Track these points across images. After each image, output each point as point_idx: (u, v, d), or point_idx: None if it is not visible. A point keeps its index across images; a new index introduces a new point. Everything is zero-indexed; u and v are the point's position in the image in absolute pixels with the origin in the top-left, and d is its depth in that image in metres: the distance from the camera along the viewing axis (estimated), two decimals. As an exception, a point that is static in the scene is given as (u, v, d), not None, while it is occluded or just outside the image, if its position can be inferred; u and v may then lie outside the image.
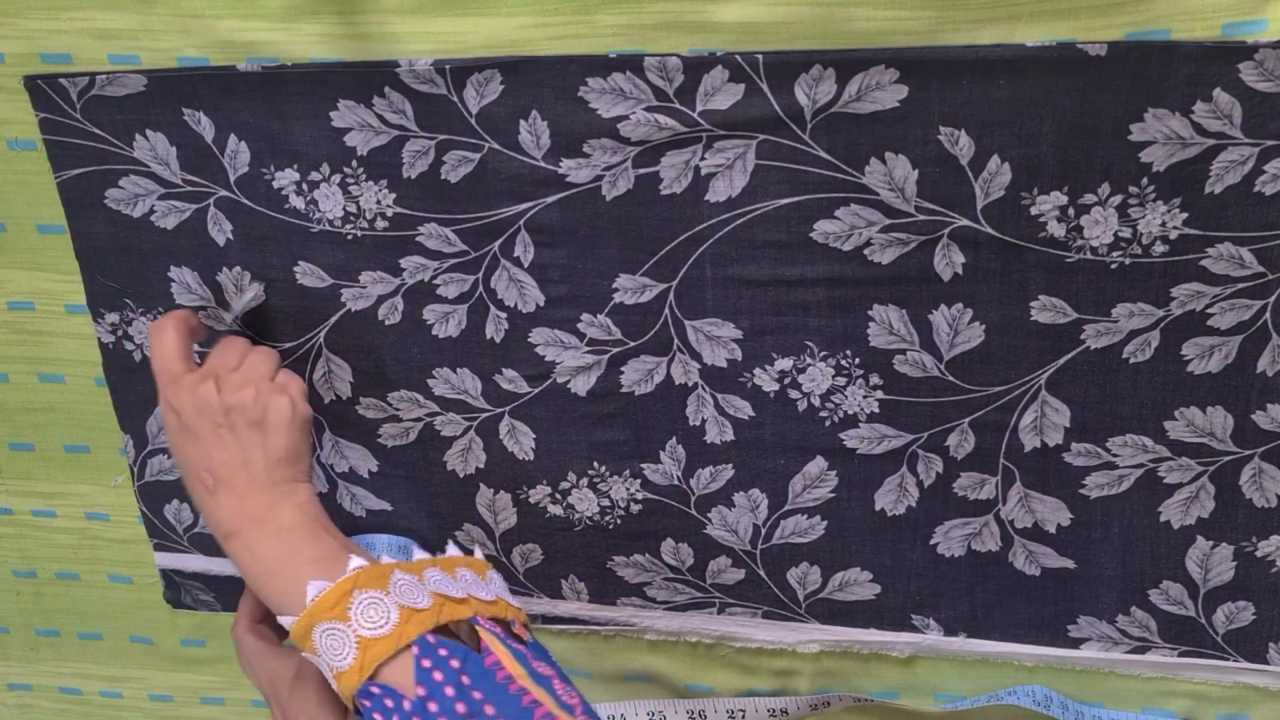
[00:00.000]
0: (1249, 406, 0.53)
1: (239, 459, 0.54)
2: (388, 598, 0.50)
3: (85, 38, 0.55)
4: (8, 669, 0.79)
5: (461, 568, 0.55)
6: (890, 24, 0.48)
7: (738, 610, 0.64)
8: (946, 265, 0.53)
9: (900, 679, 0.65)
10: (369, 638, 0.49)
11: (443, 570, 0.54)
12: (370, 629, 0.49)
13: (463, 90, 0.53)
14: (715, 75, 0.50)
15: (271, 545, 0.53)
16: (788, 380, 0.57)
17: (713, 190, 0.53)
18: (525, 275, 0.57)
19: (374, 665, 0.48)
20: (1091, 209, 0.51)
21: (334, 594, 0.50)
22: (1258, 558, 0.57)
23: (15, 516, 0.72)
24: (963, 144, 0.50)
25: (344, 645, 0.49)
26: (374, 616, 0.49)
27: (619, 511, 0.63)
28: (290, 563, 0.52)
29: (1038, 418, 0.56)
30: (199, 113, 0.56)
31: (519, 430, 0.61)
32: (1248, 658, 0.59)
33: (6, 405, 0.68)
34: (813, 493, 0.60)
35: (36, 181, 0.60)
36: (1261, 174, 0.48)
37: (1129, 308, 0.52)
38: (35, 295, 0.64)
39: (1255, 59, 0.46)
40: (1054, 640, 0.61)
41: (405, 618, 0.49)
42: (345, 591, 0.50)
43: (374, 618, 0.49)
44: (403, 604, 0.50)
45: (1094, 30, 0.47)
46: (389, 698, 0.48)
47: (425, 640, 0.49)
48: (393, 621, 0.49)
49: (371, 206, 0.56)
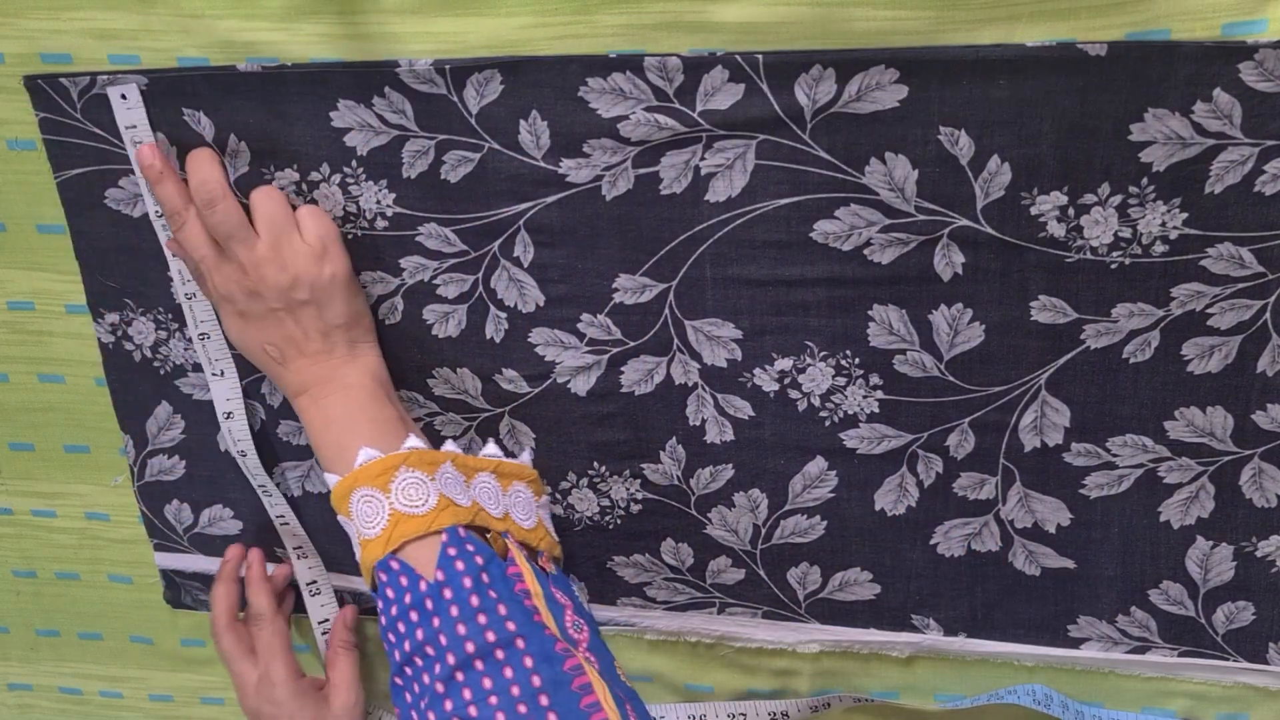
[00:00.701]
0: (1249, 406, 0.53)
1: (298, 332, 0.56)
2: (431, 483, 0.51)
3: (85, 38, 0.55)
4: (8, 669, 0.79)
5: (519, 484, 0.56)
6: (890, 24, 0.48)
7: (738, 610, 0.64)
8: (946, 265, 0.53)
9: (900, 679, 0.65)
10: (403, 513, 0.50)
11: (497, 480, 0.55)
12: (407, 506, 0.50)
13: (463, 90, 0.53)
14: (715, 75, 0.50)
15: (335, 400, 0.55)
16: (788, 380, 0.57)
17: (713, 190, 0.53)
18: (525, 275, 0.57)
19: (401, 540, 0.49)
20: (1091, 209, 0.51)
21: (381, 464, 0.51)
22: (1258, 558, 0.57)
23: (15, 516, 0.72)
24: (963, 144, 0.50)
25: (378, 514, 0.50)
26: (414, 495, 0.50)
27: (619, 511, 0.63)
28: (349, 418, 0.54)
29: (1038, 418, 0.56)
30: (199, 113, 0.56)
31: (519, 430, 0.61)
32: (1248, 658, 0.59)
33: (6, 405, 0.68)
34: (813, 493, 0.60)
35: (36, 181, 0.60)
36: (1261, 174, 0.48)
37: (1129, 308, 0.52)
38: (35, 295, 0.64)
39: (1255, 59, 0.46)
40: (1054, 640, 0.61)
41: (443, 506, 0.50)
42: (393, 465, 0.51)
43: (413, 496, 0.50)
44: (444, 493, 0.51)
45: (1094, 30, 0.47)
46: (405, 575, 0.49)
47: (456, 531, 0.50)
48: (430, 505, 0.50)
49: (371, 206, 0.56)
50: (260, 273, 0.55)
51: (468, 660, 0.46)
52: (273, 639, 0.64)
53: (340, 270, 0.56)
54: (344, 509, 0.51)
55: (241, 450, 0.63)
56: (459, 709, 0.45)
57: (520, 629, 0.47)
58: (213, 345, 0.61)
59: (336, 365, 0.56)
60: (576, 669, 0.46)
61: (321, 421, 0.55)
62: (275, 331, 0.56)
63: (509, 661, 0.46)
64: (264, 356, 0.57)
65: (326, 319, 0.56)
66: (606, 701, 0.45)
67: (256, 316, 0.56)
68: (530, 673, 0.46)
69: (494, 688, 0.45)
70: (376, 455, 0.52)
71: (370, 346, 0.58)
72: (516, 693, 0.45)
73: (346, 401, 0.55)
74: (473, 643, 0.47)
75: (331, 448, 0.54)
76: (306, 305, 0.55)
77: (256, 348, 0.57)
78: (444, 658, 0.47)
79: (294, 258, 0.55)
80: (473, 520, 0.52)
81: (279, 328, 0.56)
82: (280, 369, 0.57)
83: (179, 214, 0.56)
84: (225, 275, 0.56)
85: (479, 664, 0.46)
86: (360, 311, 0.57)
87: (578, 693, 0.45)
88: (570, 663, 0.46)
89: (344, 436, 0.54)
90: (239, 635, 0.65)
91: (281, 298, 0.55)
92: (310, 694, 0.63)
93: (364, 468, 0.51)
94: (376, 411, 0.55)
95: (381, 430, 0.54)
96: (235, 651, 0.64)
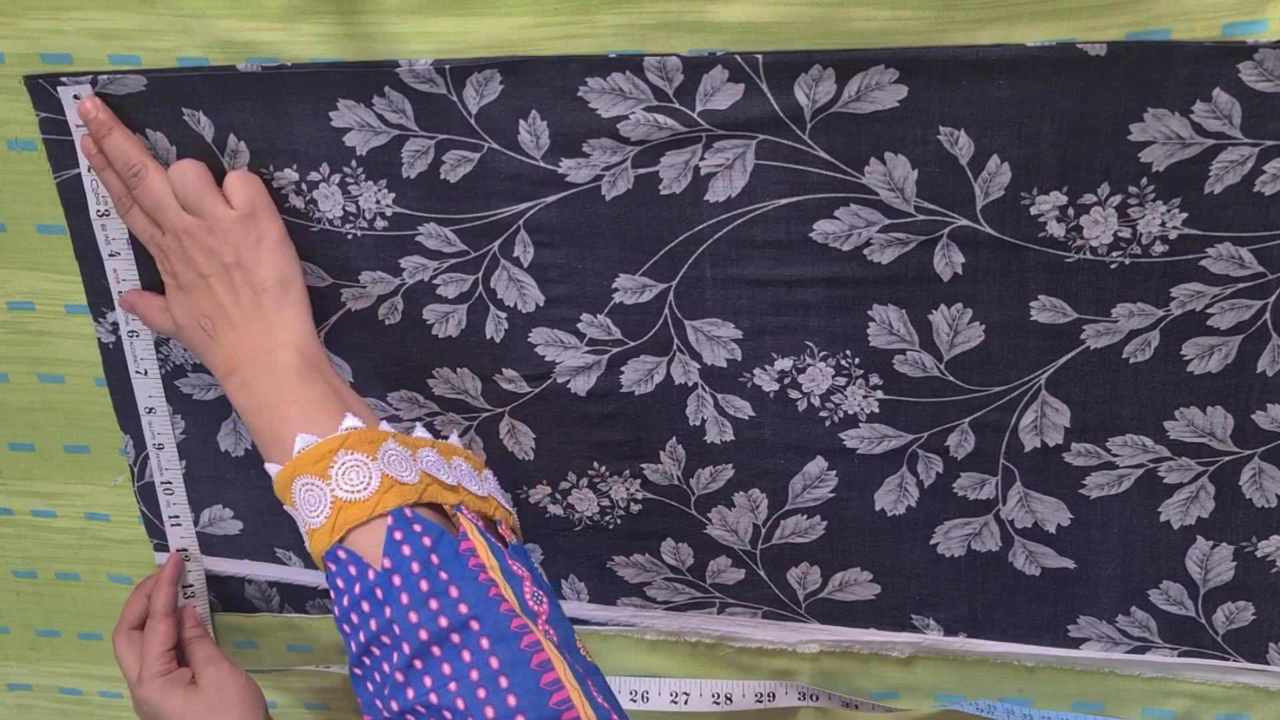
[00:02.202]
0: (1249, 406, 0.53)
1: (228, 298, 0.55)
2: (373, 463, 0.49)
3: (85, 38, 0.55)
4: (8, 669, 0.79)
5: (459, 458, 0.54)
6: (890, 24, 0.48)
7: (738, 610, 0.64)
8: (946, 265, 0.53)
9: (900, 679, 0.65)
10: (345, 499, 0.48)
11: (439, 454, 0.53)
12: (348, 491, 0.48)
13: (462, 90, 0.53)
14: (715, 75, 0.50)
15: (264, 381, 0.53)
16: (788, 380, 0.57)
17: (712, 190, 0.53)
18: (525, 275, 0.57)
19: (345, 528, 0.48)
20: (1091, 209, 0.51)
21: (319, 450, 0.49)
22: (1258, 558, 0.57)
23: (15, 516, 0.72)
24: (962, 144, 0.50)
25: (320, 502, 0.49)
26: (354, 479, 0.49)
27: (619, 511, 0.63)
28: (278, 401, 0.52)
29: (1038, 418, 0.56)
30: (199, 112, 0.56)
31: (519, 430, 0.61)
32: (1248, 658, 0.59)
33: (6, 405, 0.68)
34: (813, 493, 0.60)
35: (36, 181, 0.60)
36: (1261, 174, 0.48)
37: (1129, 308, 0.52)
38: (35, 295, 0.64)
39: (1255, 59, 0.46)
40: (1054, 640, 0.61)
41: (386, 486, 0.49)
42: (331, 449, 0.49)
43: (354, 480, 0.49)
44: (387, 473, 0.49)
45: (1094, 30, 0.47)
46: (354, 564, 0.48)
47: (401, 512, 0.48)
48: (372, 488, 0.49)
49: (371, 206, 0.56)
50: (191, 237, 0.55)
51: (423, 647, 0.46)
52: (154, 638, 0.64)
53: (269, 234, 0.55)
54: (288, 499, 0.50)
55: (159, 444, 0.66)
56: (420, 697, 0.45)
57: (474, 609, 0.46)
58: (140, 344, 0.63)
59: (262, 339, 0.54)
60: (534, 645, 0.46)
61: (253, 407, 0.53)
62: (207, 299, 0.55)
63: (465, 645, 0.45)
64: (198, 332, 0.56)
65: (253, 282, 0.54)
66: (566, 677, 0.45)
67: (190, 286, 0.56)
68: (487, 654, 0.45)
69: (453, 673, 0.45)
70: (313, 440, 0.50)
71: (299, 315, 0.55)
72: (475, 676, 0.45)
73: (274, 382, 0.53)
74: (426, 630, 0.46)
75: (265, 435, 0.52)
76: (233, 269, 0.54)
77: (192, 322, 0.56)
78: (400, 646, 0.46)
79: (218, 222, 0.54)
80: (421, 496, 0.50)
81: (210, 295, 0.55)
82: (212, 344, 0.55)
83: (123, 199, 0.57)
84: (165, 248, 0.56)
85: (435, 650, 0.46)
86: (290, 278, 0.56)
87: (537, 670, 0.45)
88: (528, 639, 0.46)
89: (276, 422, 0.52)
90: (131, 637, 0.66)
91: (210, 262, 0.54)
92: (179, 682, 0.64)
93: (301, 455, 0.49)
94: (306, 390, 0.53)
95: (315, 410, 0.52)
96: (126, 652, 0.66)
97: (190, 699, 0.63)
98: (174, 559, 0.68)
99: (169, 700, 0.63)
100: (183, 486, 0.67)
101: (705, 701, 0.66)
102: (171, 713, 0.62)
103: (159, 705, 0.63)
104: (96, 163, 0.57)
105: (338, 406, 0.52)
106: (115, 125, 0.56)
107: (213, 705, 0.62)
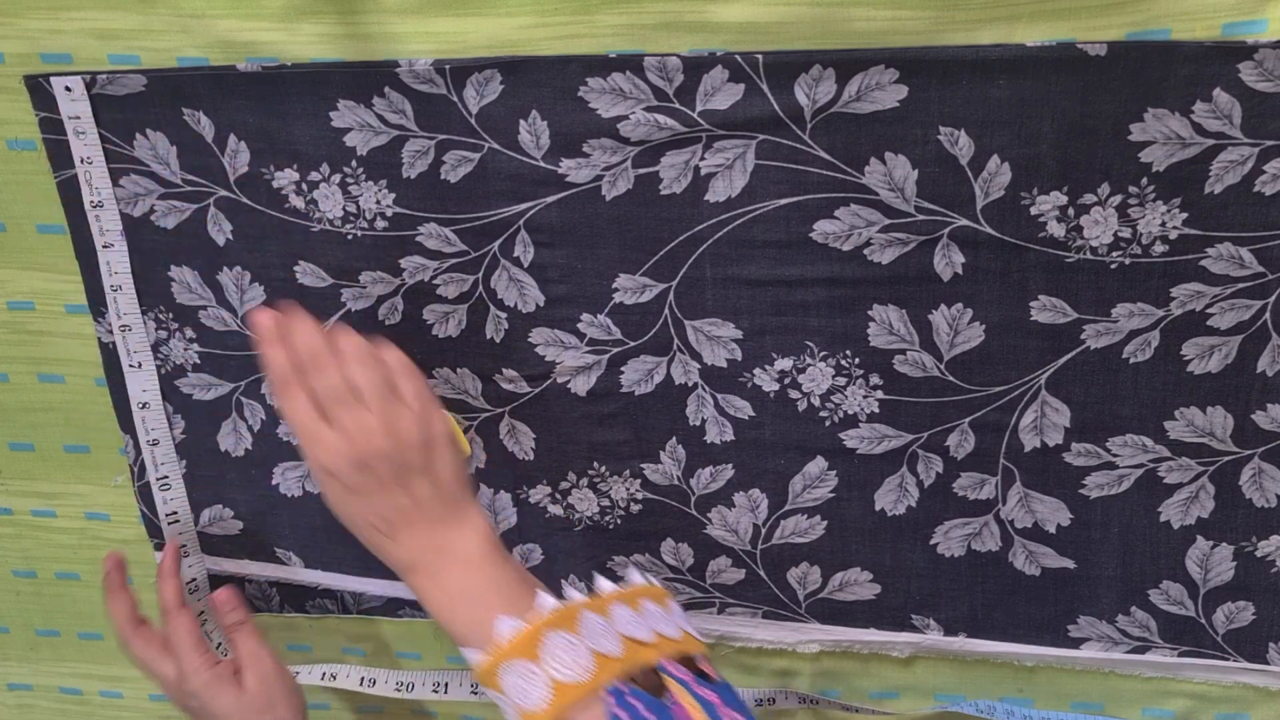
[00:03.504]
0: (1249, 406, 0.53)
1: (408, 502, 0.53)
2: (580, 641, 0.49)
3: (85, 38, 0.55)
4: (8, 669, 0.79)
5: (644, 599, 0.53)
6: (890, 24, 0.48)
7: (738, 610, 0.64)
8: (946, 265, 0.53)
9: (900, 679, 0.65)
10: (563, 682, 0.47)
11: (628, 605, 0.52)
12: (563, 672, 0.48)
13: (463, 90, 0.53)
14: (715, 75, 0.50)
15: (456, 576, 0.53)
16: (788, 380, 0.57)
17: (712, 190, 0.53)
18: (525, 275, 0.57)
19: (566, 709, 0.47)
20: (1091, 209, 0.51)
21: (527, 634, 0.49)
22: (1258, 558, 0.57)
23: (15, 516, 0.72)
24: (962, 144, 0.50)
25: (535, 686, 0.48)
26: (566, 660, 0.48)
27: (619, 511, 0.63)
28: (476, 591, 0.52)
29: (1038, 418, 0.56)
30: (199, 112, 0.56)
31: (519, 430, 0.61)
32: (1248, 658, 0.59)
33: (6, 405, 0.68)
34: (813, 493, 0.60)
35: (36, 181, 0.60)
36: (1261, 174, 0.48)
37: (1129, 308, 0.52)
38: (35, 295, 0.64)
39: (1255, 59, 0.46)
40: (1054, 640, 0.61)
41: (600, 664, 0.48)
42: (538, 632, 0.49)
43: (566, 661, 0.48)
44: (595, 649, 0.49)
45: (1094, 30, 0.47)
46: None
47: (619, 690, 0.48)
48: (587, 667, 0.48)
49: (371, 206, 0.56)
50: (371, 442, 0.52)
51: None
52: (181, 632, 0.63)
53: (444, 430, 0.54)
54: (493, 684, 0.49)
55: (154, 440, 0.65)
56: None
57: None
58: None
59: (446, 533, 0.53)
60: None
61: (445, 600, 0.52)
62: (385, 503, 0.53)
63: None
64: (371, 532, 0.54)
65: (437, 485, 0.53)
66: None
67: (365, 490, 0.53)
68: None
69: None
70: (518, 625, 0.49)
71: (475, 506, 0.55)
72: None
73: (468, 575, 0.53)
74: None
75: (462, 623, 0.52)
76: (417, 473, 0.53)
77: (364, 523, 0.54)
78: None
79: (399, 422, 0.52)
80: (630, 665, 0.49)
81: (388, 499, 0.53)
82: (389, 544, 0.54)
83: (286, 383, 0.54)
84: (330, 446, 0.52)
85: None
86: (463, 469, 0.55)
87: None
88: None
89: (475, 610, 0.51)
90: (147, 637, 0.64)
91: (392, 467, 0.52)
92: (227, 678, 0.62)
93: (512, 643, 0.49)
94: (500, 576, 0.52)
95: (511, 596, 0.51)
96: (147, 654, 0.63)
97: (240, 698, 0.61)
98: (171, 546, 0.67)
99: (219, 700, 0.61)
100: (181, 483, 0.67)
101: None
102: (221, 712, 0.61)
103: (208, 704, 0.61)
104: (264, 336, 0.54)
105: (527, 589, 0.52)
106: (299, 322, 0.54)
107: (261, 706, 0.61)
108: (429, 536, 0.53)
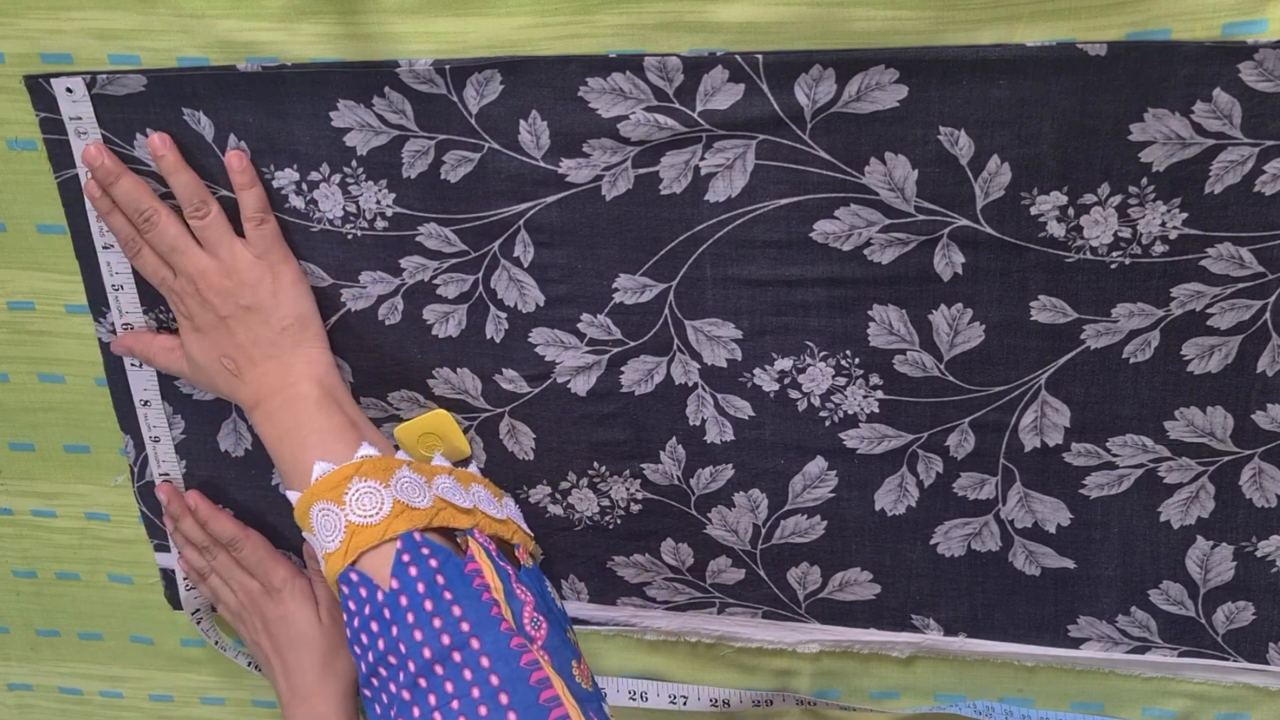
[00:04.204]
0: (1249, 406, 0.53)
1: (248, 339, 0.56)
2: (385, 490, 0.51)
3: (85, 38, 0.55)
4: (8, 669, 0.79)
5: (477, 484, 0.56)
6: (890, 24, 0.48)
7: (738, 610, 0.64)
8: (946, 265, 0.53)
9: (900, 679, 0.65)
10: (358, 524, 0.50)
11: (456, 481, 0.55)
12: (361, 516, 0.50)
13: (463, 90, 0.53)
14: (715, 75, 0.50)
15: (286, 413, 0.55)
16: (788, 380, 0.57)
17: (712, 190, 0.53)
18: (525, 275, 0.57)
19: (357, 552, 0.50)
20: (1091, 209, 0.51)
21: (334, 477, 0.51)
22: (1258, 558, 0.57)
23: (15, 516, 0.72)
24: (962, 144, 0.50)
25: (335, 527, 0.50)
26: (367, 505, 0.51)
27: (619, 511, 0.63)
28: (298, 430, 0.54)
29: (1038, 418, 0.56)
30: (199, 112, 0.56)
31: (519, 430, 0.61)
32: (1248, 658, 0.59)
33: (6, 405, 0.68)
34: (813, 493, 0.60)
35: (36, 181, 0.60)
36: (1261, 174, 0.48)
37: (1129, 308, 0.52)
38: (35, 295, 0.64)
39: (1255, 59, 0.46)
40: (1054, 640, 0.61)
41: (397, 511, 0.51)
42: (346, 476, 0.51)
43: (367, 506, 0.50)
44: (398, 499, 0.51)
45: (1094, 30, 0.47)
46: (364, 586, 0.49)
47: (411, 536, 0.50)
48: (384, 513, 0.50)
49: (371, 206, 0.56)
50: (207, 280, 0.56)
51: (427, 666, 0.47)
52: (260, 552, 0.65)
53: (283, 274, 0.57)
54: (306, 525, 0.52)
55: (155, 437, 0.66)
56: (425, 714, 0.46)
57: (475, 628, 0.48)
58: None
59: (285, 374, 0.56)
60: (533, 664, 0.47)
61: (275, 436, 0.55)
62: (227, 341, 0.57)
63: (466, 663, 0.47)
64: (223, 372, 0.57)
65: (272, 322, 0.56)
66: (564, 694, 0.46)
67: (209, 328, 0.57)
68: (488, 672, 0.46)
69: (455, 691, 0.46)
70: (329, 468, 0.52)
71: (318, 349, 0.58)
72: (476, 694, 0.46)
73: (294, 412, 0.55)
74: (429, 648, 0.47)
75: (287, 463, 0.54)
76: (252, 311, 0.56)
77: (214, 363, 0.57)
78: (406, 665, 0.47)
79: (236, 263, 0.56)
80: (432, 521, 0.52)
81: (230, 337, 0.57)
82: (237, 383, 0.57)
83: (130, 241, 0.58)
84: (178, 290, 0.57)
85: (439, 669, 0.47)
86: (307, 314, 0.58)
87: (535, 687, 0.46)
88: (526, 658, 0.47)
89: (296, 450, 0.54)
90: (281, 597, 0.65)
91: (227, 304, 0.56)
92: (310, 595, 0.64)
93: (318, 482, 0.51)
94: (324, 420, 0.55)
95: (332, 439, 0.54)
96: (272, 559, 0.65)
97: (320, 628, 0.63)
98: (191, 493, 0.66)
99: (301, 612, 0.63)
100: (181, 482, 0.67)
101: (704, 704, 0.66)
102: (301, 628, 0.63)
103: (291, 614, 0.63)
104: (102, 206, 0.57)
105: (355, 436, 0.54)
106: (123, 171, 0.56)
107: (337, 642, 0.63)
108: (269, 375, 0.56)
